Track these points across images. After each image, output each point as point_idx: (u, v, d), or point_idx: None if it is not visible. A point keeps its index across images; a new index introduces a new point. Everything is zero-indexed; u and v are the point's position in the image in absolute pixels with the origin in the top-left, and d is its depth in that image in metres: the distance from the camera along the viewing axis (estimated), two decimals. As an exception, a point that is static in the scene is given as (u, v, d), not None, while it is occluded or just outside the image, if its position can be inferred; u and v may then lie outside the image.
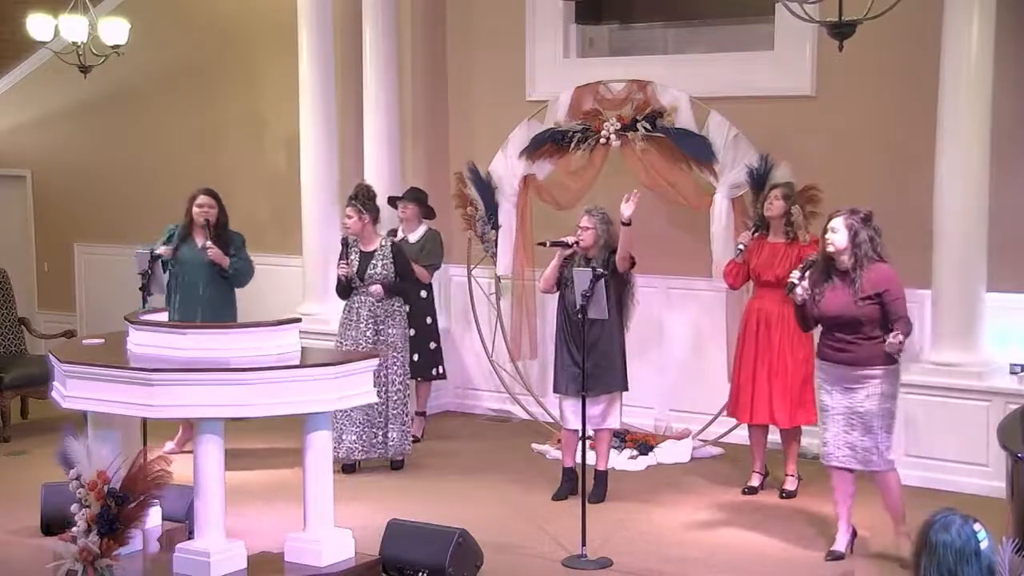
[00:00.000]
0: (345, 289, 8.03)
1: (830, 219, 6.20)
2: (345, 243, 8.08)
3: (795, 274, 6.27)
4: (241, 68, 10.95)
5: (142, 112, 11.54)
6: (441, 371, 9.01)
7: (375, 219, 8.08)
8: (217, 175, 10.82)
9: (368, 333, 7.96)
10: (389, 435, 8.03)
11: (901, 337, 5.98)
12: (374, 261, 7.97)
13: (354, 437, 7.96)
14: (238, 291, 8.50)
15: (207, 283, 8.23)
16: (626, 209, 7.18)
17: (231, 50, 10.98)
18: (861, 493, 6.42)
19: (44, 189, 12.31)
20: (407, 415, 8.16)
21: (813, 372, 7.36)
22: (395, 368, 8.02)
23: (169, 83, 11.33)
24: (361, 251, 8.01)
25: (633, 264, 7.37)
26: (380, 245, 8.03)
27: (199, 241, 8.27)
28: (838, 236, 6.12)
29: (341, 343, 8.04)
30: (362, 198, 8.01)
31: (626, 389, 7.50)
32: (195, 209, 8.26)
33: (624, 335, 7.49)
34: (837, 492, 6.36)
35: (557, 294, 7.55)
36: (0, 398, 9.21)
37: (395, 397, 8.03)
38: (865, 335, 6.12)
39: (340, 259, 8.03)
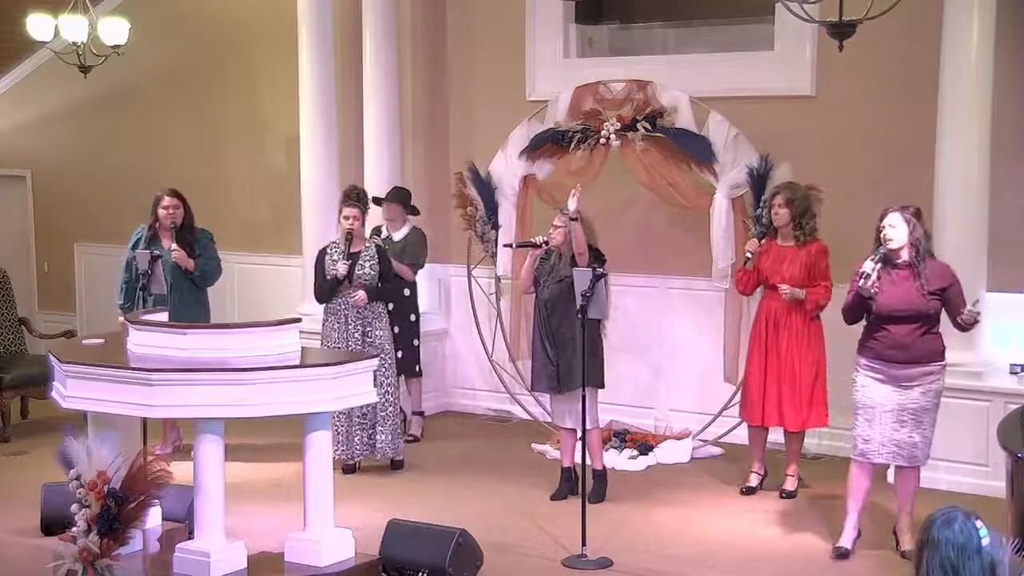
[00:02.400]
0: (330, 292, 7.97)
1: (883, 216, 6.18)
2: (324, 251, 8.05)
3: (868, 264, 6.14)
4: (241, 68, 10.95)
5: (142, 112, 11.54)
6: (419, 368, 9.01)
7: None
8: (217, 175, 10.86)
9: (356, 335, 7.92)
10: (377, 436, 8.00)
11: (977, 309, 6.07)
12: (361, 262, 7.94)
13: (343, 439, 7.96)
14: (238, 290, 8.49)
15: (175, 285, 8.17)
16: (571, 203, 7.20)
17: (231, 50, 10.98)
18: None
19: (44, 189, 12.32)
20: (396, 415, 8.13)
21: (824, 373, 7.38)
22: (382, 369, 7.95)
23: (169, 83, 11.34)
24: (349, 253, 7.97)
25: (603, 261, 7.32)
26: (365, 246, 8.03)
27: (166, 243, 8.26)
28: (897, 231, 6.13)
29: (327, 346, 7.95)
30: (364, 200, 8.03)
31: (601, 386, 7.46)
32: (161, 211, 8.26)
33: (599, 333, 7.44)
34: (854, 488, 6.34)
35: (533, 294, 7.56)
36: (0, 398, 9.21)
37: (383, 399, 7.98)
38: (926, 330, 6.16)
39: (330, 260, 7.97)
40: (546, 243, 7.34)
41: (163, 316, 6.77)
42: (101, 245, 11.71)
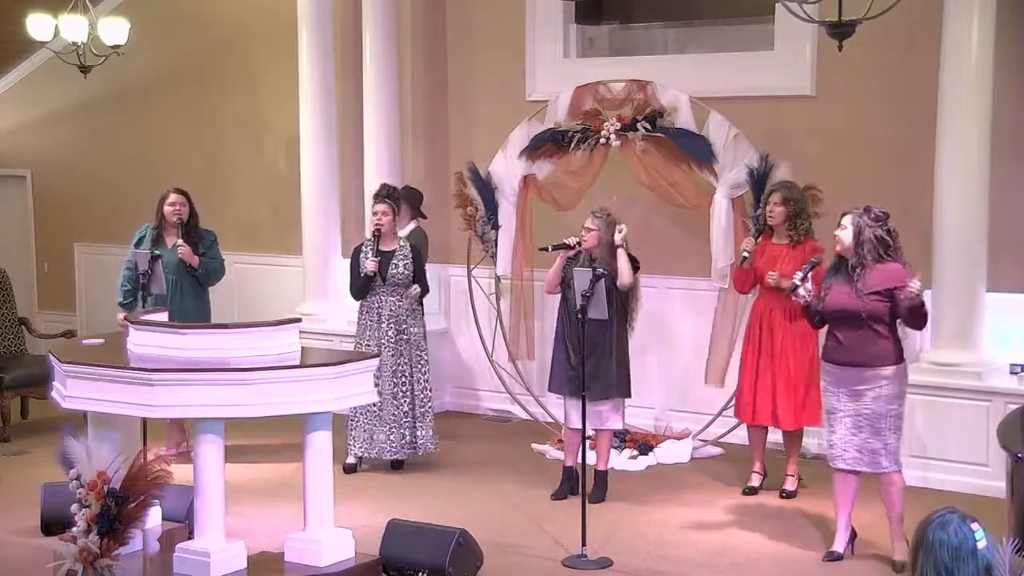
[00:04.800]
0: (364, 288, 7.99)
1: (843, 215, 6.20)
2: (359, 248, 8.05)
3: (798, 275, 6.28)
4: (241, 68, 10.95)
5: (142, 112, 11.54)
6: None
7: (396, 219, 8.12)
8: (217, 175, 10.86)
9: (390, 333, 7.94)
10: (417, 434, 8.03)
11: (916, 284, 5.89)
12: (395, 261, 7.95)
13: (383, 436, 7.96)
14: (238, 290, 8.49)
15: (179, 283, 8.21)
16: (618, 237, 7.23)
17: (231, 50, 10.98)
18: (862, 493, 6.40)
19: (44, 189, 12.32)
20: (432, 413, 8.16)
21: (818, 373, 7.37)
22: (419, 366, 8.02)
23: (169, 83, 11.34)
24: (380, 251, 7.98)
25: (637, 268, 7.37)
26: (400, 245, 8.03)
27: (170, 240, 8.28)
28: (845, 233, 6.13)
29: (361, 344, 7.98)
30: (394, 196, 8.04)
31: (628, 396, 7.49)
32: (167, 208, 8.29)
33: (627, 339, 7.47)
34: (839, 494, 6.33)
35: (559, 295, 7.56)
36: (0, 398, 9.21)
37: (421, 396, 8.03)
38: (871, 332, 6.07)
39: (363, 257, 7.96)
40: (579, 244, 7.34)
41: (163, 316, 6.77)
42: (101, 245, 11.70)
